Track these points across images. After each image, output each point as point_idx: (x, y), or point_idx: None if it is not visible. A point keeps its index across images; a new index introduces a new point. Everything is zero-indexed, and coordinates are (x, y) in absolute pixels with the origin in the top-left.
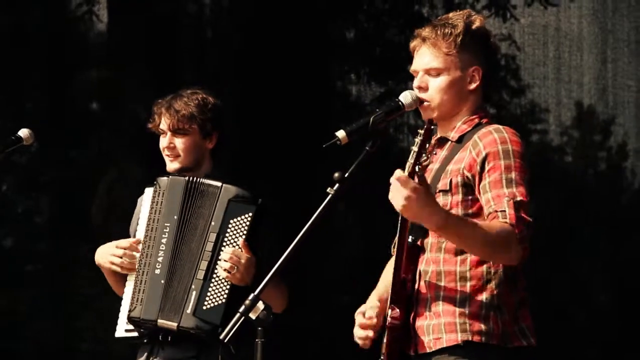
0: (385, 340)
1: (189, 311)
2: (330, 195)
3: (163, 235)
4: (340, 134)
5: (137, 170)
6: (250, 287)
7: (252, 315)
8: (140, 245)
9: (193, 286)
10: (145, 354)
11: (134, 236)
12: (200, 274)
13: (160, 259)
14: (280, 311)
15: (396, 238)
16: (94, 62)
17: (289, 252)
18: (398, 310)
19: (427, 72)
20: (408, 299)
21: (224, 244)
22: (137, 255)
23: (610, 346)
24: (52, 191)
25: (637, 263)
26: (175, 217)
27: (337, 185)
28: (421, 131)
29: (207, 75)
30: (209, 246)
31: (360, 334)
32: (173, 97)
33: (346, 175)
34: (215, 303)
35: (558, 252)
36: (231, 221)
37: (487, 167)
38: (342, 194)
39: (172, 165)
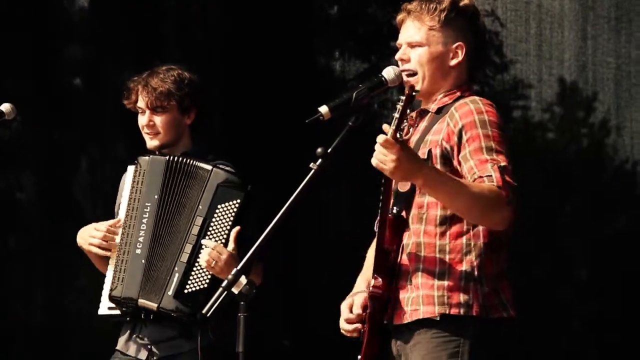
0: (367, 311)
1: (170, 293)
2: (313, 171)
3: (144, 215)
4: (323, 109)
5: (121, 148)
6: None
7: (235, 290)
8: (120, 225)
9: (176, 268)
10: (128, 331)
11: (118, 214)
12: (184, 257)
13: (140, 239)
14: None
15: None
16: (77, 39)
17: (272, 227)
18: (380, 279)
19: (410, 45)
20: (391, 270)
21: (210, 229)
22: (117, 236)
23: (593, 321)
24: (34, 168)
25: (619, 238)
26: (156, 196)
27: (320, 160)
28: (402, 97)
29: (191, 52)
30: (195, 230)
31: (347, 328)
32: (149, 74)
33: (329, 151)
34: (197, 287)
35: (540, 228)
36: (219, 206)
37: (465, 137)
38: (325, 169)
39: (152, 142)
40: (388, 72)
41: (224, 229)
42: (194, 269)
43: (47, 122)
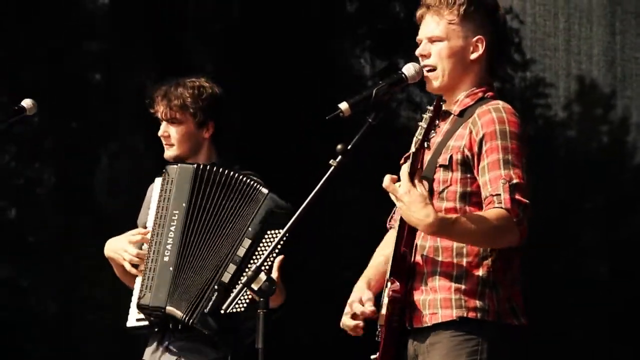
0: (385, 313)
1: (206, 310)
2: (332, 167)
3: (172, 223)
4: (343, 105)
5: (139, 142)
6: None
7: (255, 286)
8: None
9: (216, 287)
10: (156, 342)
11: (144, 226)
12: (226, 277)
13: (169, 247)
14: (277, 306)
15: (395, 212)
16: (97, 34)
17: (292, 223)
18: (398, 283)
19: (430, 40)
20: (407, 273)
21: (257, 253)
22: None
23: (613, 319)
24: (54, 162)
25: (638, 237)
26: (184, 204)
27: (339, 157)
28: (430, 107)
29: (209, 50)
30: (241, 251)
31: (350, 324)
32: (171, 85)
33: (349, 147)
34: (234, 309)
35: (559, 227)
36: (268, 232)
37: (484, 148)
38: (344, 166)
39: (167, 152)
40: (408, 69)
41: (270, 255)
42: (234, 290)
43: (67, 116)
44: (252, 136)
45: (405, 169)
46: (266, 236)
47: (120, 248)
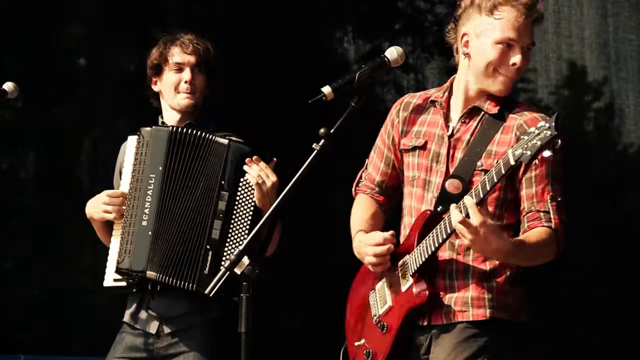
0: (407, 311)
1: (206, 272)
2: (315, 151)
3: (148, 187)
4: (326, 89)
5: (122, 126)
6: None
7: (237, 270)
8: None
9: (208, 246)
10: (135, 304)
11: (119, 183)
12: (216, 234)
13: (146, 211)
14: (270, 254)
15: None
16: (78, 18)
17: (274, 207)
18: (424, 283)
19: (527, 47)
20: (433, 270)
21: (237, 203)
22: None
23: (597, 306)
24: (37, 147)
25: (624, 223)
26: (160, 167)
27: (322, 141)
28: (538, 131)
29: (194, 31)
30: (222, 205)
31: (381, 251)
32: (182, 35)
33: (332, 131)
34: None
35: None
36: (242, 180)
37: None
38: (327, 150)
39: (187, 100)
40: (391, 52)
41: (250, 201)
42: (227, 245)
43: (50, 101)
44: (235, 120)
45: (472, 201)
46: (240, 184)
47: (99, 203)
